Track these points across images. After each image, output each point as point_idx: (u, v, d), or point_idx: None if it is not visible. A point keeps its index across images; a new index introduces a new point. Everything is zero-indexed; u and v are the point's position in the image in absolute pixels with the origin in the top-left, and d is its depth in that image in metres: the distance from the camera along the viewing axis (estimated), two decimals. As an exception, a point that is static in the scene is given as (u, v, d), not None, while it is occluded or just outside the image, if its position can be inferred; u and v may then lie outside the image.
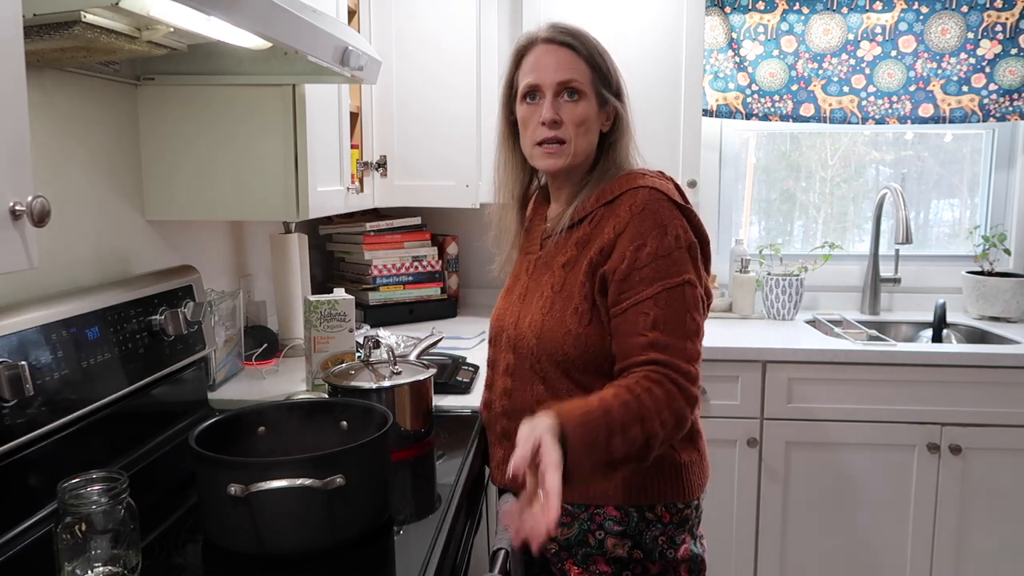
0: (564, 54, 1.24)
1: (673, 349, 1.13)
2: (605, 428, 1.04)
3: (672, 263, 1.15)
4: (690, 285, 1.16)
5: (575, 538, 1.25)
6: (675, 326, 1.14)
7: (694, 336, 1.15)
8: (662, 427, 1.08)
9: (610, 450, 1.04)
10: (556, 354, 1.21)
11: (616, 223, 1.19)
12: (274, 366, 1.86)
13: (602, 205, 1.24)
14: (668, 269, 1.15)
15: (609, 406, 1.06)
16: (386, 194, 2.23)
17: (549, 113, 1.22)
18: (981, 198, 2.82)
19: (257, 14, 0.99)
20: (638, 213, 1.18)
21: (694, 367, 1.14)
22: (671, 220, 1.17)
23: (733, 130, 2.81)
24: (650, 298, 1.15)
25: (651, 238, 1.16)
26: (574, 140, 1.24)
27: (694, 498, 1.26)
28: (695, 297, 1.16)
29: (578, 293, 1.21)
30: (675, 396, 1.10)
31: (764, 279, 2.62)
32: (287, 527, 0.96)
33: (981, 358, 2.14)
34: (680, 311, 1.14)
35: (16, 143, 0.67)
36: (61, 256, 1.29)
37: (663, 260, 1.15)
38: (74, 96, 1.32)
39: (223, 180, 1.51)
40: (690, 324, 1.15)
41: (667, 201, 1.19)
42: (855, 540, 2.24)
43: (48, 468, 1.07)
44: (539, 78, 1.24)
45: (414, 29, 2.17)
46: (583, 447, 1.01)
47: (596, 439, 1.03)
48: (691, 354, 1.14)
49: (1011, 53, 2.56)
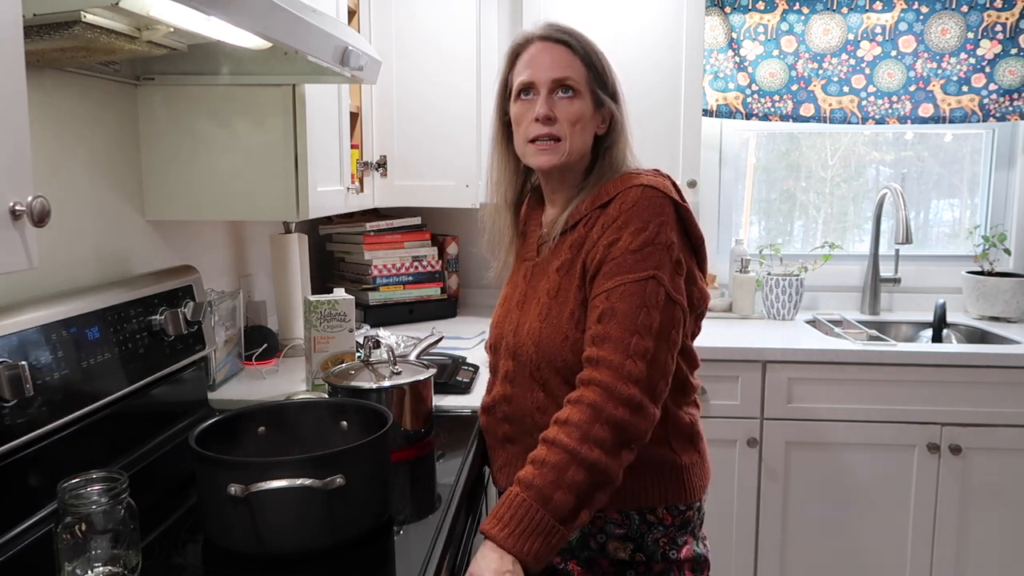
0: (560, 51, 1.23)
1: (612, 343, 1.10)
2: (534, 502, 1.03)
3: (641, 258, 1.13)
4: (654, 281, 1.12)
5: (576, 541, 1.24)
6: (622, 319, 1.10)
7: (644, 331, 1.10)
8: (598, 446, 1.05)
9: (557, 508, 1.03)
10: (555, 361, 1.20)
11: (605, 222, 1.18)
12: (274, 366, 1.86)
13: (597, 207, 1.22)
14: (634, 264, 1.13)
15: (527, 480, 1.05)
16: (386, 194, 2.23)
17: (543, 109, 1.21)
18: (981, 198, 2.82)
19: (257, 14, 0.99)
20: (627, 211, 1.16)
21: (636, 364, 1.09)
22: (656, 216, 1.15)
23: (733, 130, 2.81)
24: (604, 292, 1.13)
25: (628, 233, 1.14)
26: (568, 138, 1.22)
27: (696, 500, 1.26)
28: (657, 293, 1.12)
29: (573, 298, 1.20)
30: (599, 406, 1.07)
31: (764, 279, 2.62)
32: (287, 527, 0.96)
33: (981, 358, 2.14)
34: (634, 305, 1.11)
35: (16, 143, 0.67)
36: (61, 256, 1.29)
37: (632, 255, 1.13)
38: (74, 96, 1.32)
39: (223, 180, 1.51)
40: (643, 319, 1.10)
41: (660, 196, 1.17)
42: (855, 540, 2.24)
43: (48, 468, 1.07)
44: (534, 75, 1.22)
45: (414, 29, 2.17)
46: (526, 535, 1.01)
47: (532, 519, 1.02)
48: (634, 349, 1.09)
49: (1011, 53, 2.56)
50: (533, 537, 1.02)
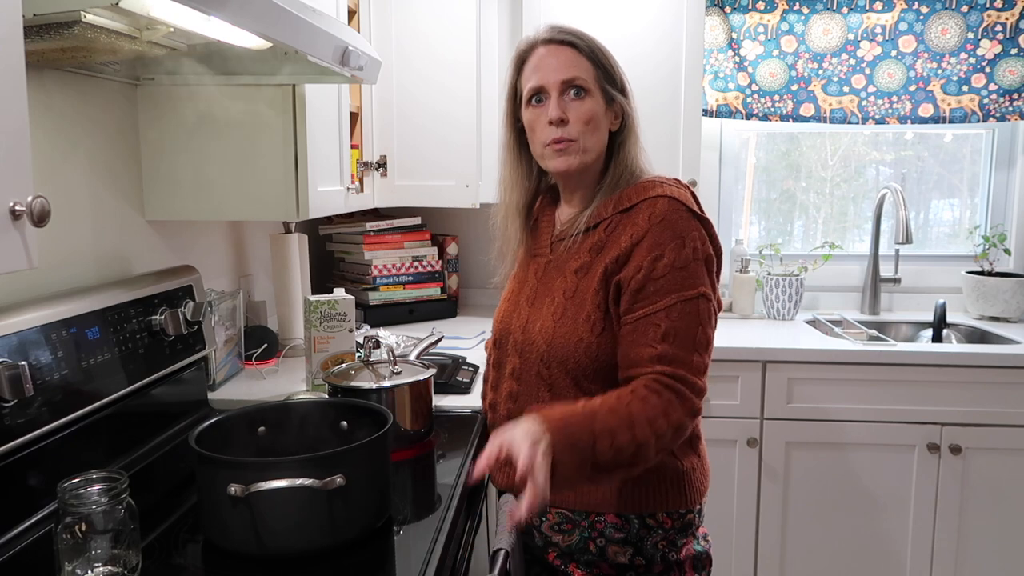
0: (566, 53, 1.23)
1: (679, 361, 1.12)
2: (588, 432, 1.05)
3: (688, 275, 1.14)
4: (704, 299, 1.15)
5: (576, 545, 1.24)
6: (685, 339, 1.13)
7: (703, 349, 1.14)
8: (655, 435, 1.08)
9: (595, 453, 1.04)
10: (567, 361, 1.20)
11: (634, 232, 1.18)
12: (274, 366, 1.86)
13: (619, 212, 1.22)
14: (684, 281, 1.14)
15: (594, 411, 1.07)
16: (386, 194, 2.23)
17: (555, 112, 1.21)
18: (981, 198, 2.82)
19: (257, 14, 0.99)
20: (657, 223, 1.16)
21: (700, 379, 1.13)
22: (690, 232, 1.16)
23: (733, 130, 2.81)
24: (663, 310, 1.14)
25: (669, 249, 1.15)
26: (582, 138, 1.22)
27: (696, 503, 1.26)
28: (708, 311, 1.15)
29: (591, 301, 1.19)
30: (674, 405, 1.10)
31: (764, 279, 2.62)
32: (287, 527, 0.96)
33: (981, 358, 2.14)
34: (692, 324, 1.14)
35: (16, 143, 0.67)
36: (61, 256, 1.29)
37: (680, 272, 1.14)
38: (74, 96, 1.32)
39: (223, 180, 1.51)
40: (700, 337, 1.14)
41: (686, 211, 1.18)
42: (855, 540, 2.24)
43: (48, 468, 1.07)
44: (543, 79, 1.22)
45: (414, 29, 2.17)
46: (565, 447, 1.03)
47: (578, 442, 1.04)
48: (698, 367, 1.13)
49: (1011, 53, 2.56)
50: (573, 451, 1.04)
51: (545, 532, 1.27)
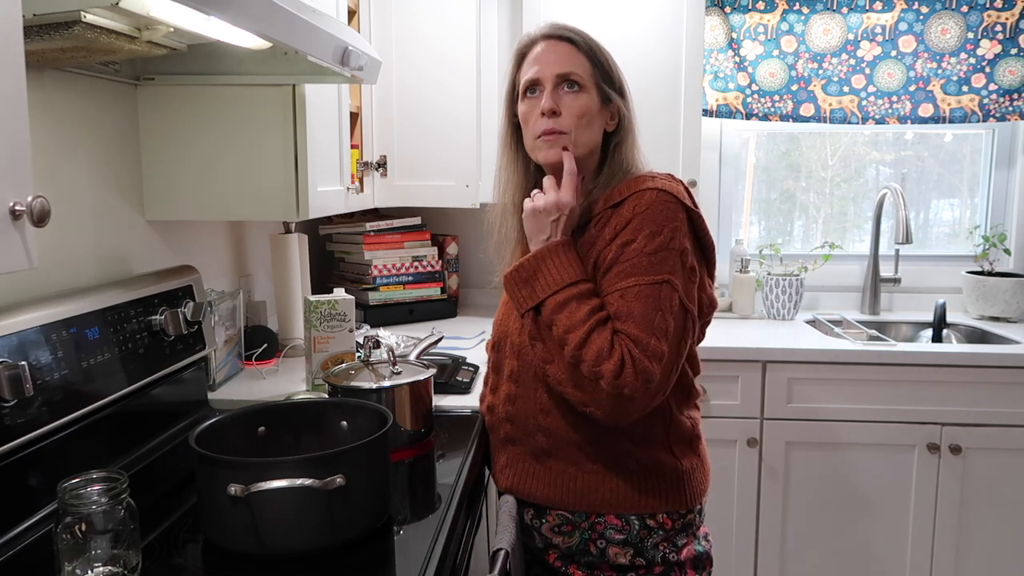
0: (564, 48, 1.23)
1: (633, 339, 1.11)
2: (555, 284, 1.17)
3: (656, 262, 1.13)
4: (668, 285, 1.12)
5: (576, 546, 1.24)
6: (640, 320, 1.11)
7: (661, 335, 1.11)
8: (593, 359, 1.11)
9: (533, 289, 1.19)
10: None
11: (618, 223, 1.18)
12: (274, 366, 1.86)
13: (609, 207, 1.22)
14: (650, 267, 1.13)
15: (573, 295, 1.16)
16: (386, 194, 2.23)
17: (548, 103, 1.21)
18: (981, 198, 2.82)
19: (257, 14, 0.99)
20: (640, 212, 1.16)
21: (651, 363, 1.09)
22: (670, 222, 1.15)
23: (733, 130, 2.81)
24: (618, 291, 1.13)
25: (642, 236, 1.14)
26: (575, 132, 1.22)
27: (696, 504, 1.26)
28: (672, 299, 1.13)
29: None
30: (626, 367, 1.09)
31: (764, 279, 2.62)
32: (287, 527, 0.96)
33: (981, 358, 2.14)
34: (649, 307, 1.11)
35: (16, 143, 0.67)
36: (61, 256, 1.29)
37: (648, 257, 1.13)
38: (74, 96, 1.32)
39: (223, 180, 1.51)
40: (659, 323, 1.11)
41: (674, 202, 1.16)
42: (855, 540, 2.24)
43: (48, 468, 1.07)
44: (539, 72, 1.23)
45: (414, 29, 2.17)
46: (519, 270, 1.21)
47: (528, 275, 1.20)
48: (654, 351, 1.10)
49: (1011, 53, 2.56)
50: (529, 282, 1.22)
51: (545, 534, 1.27)
